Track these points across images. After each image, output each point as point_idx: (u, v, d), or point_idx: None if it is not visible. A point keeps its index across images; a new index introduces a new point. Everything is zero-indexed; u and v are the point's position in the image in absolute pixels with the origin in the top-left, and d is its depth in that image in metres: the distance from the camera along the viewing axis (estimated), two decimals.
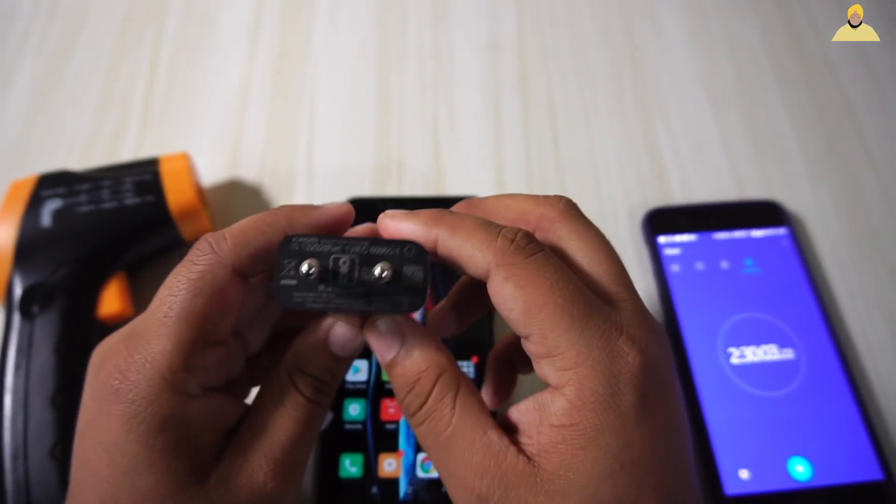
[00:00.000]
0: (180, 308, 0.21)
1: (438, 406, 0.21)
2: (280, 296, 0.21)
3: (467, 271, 0.22)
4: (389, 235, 0.23)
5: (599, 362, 0.20)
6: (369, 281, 0.21)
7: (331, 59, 0.50)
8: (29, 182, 0.37)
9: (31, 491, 0.30)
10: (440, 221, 0.22)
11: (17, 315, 0.34)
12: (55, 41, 0.51)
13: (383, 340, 0.23)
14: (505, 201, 0.24)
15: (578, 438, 0.19)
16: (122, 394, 0.20)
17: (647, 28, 0.52)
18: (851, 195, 0.44)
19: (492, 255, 0.21)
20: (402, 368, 0.22)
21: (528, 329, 0.20)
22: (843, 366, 0.36)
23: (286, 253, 0.21)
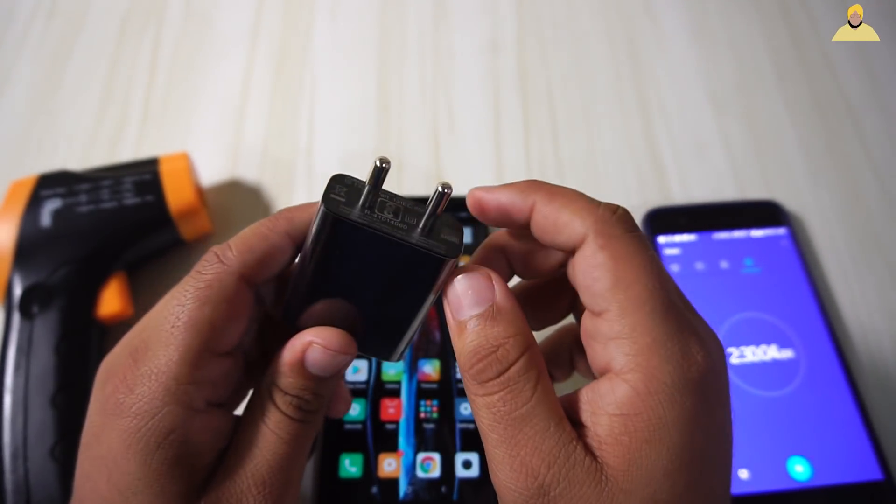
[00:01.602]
0: (188, 318, 0.21)
1: (521, 379, 0.20)
2: (327, 205, 0.20)
3: (557, 240, 0.21)
4: (478, 208, 0.22)
5: (672, 355, 0.19)
6: (410, 224, 0.21)
7: (331, 59, 0.50)
8: (29, 182, 0.37)
9: (30, 491, 0.30)
10: (538, 188, 0.22)
11: (16, 315, 0.34)
12: (55, 41, 0.51)
13: (470, 293, 0.21)
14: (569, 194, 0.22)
15: (643, 430, 0.18)
16: (127, 407, 0.20)
17: (647, 28, 0.52)
18: (851, 195, 0.44)
19: (591, 222, 0.20)
20: (487, 328, 0.20)
21: (609, 304, 0.20)
22: (843, 366, 0.36)
23: (338, 181, 0.21)
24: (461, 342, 0.21)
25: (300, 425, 0.22)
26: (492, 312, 0.20)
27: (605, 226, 0.20)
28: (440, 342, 0.36)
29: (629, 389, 0.19)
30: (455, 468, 0.33)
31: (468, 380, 0.21)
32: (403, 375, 0.36)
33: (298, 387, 0.22)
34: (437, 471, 0.33)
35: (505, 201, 0.22)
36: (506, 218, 0.22)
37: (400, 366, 0.36)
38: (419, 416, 0.34)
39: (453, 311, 0.21)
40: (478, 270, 0.21)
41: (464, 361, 0.21)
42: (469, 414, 0.34)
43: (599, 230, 0.20)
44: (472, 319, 0.21)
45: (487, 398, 0.20)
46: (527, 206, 0.22)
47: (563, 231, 0.21)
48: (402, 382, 0.35)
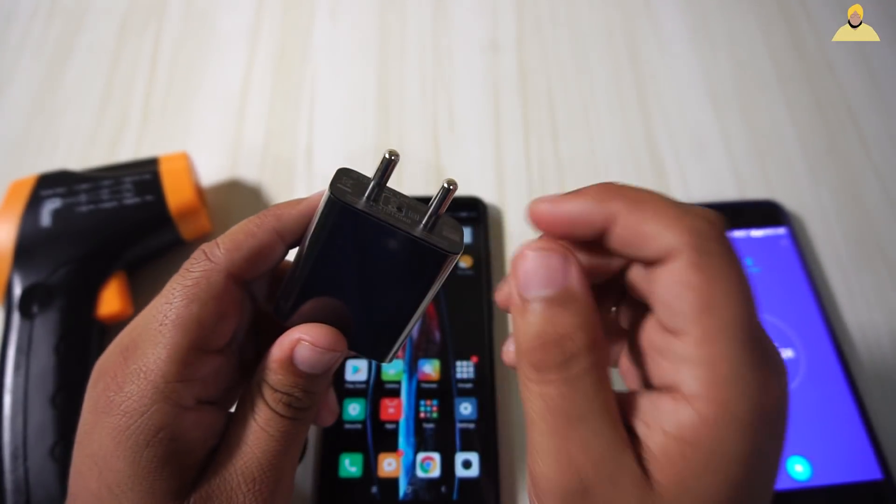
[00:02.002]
0: (175, 315, 0.21)
1: (584, 376, 0.18)
2: (334, 193, 0.20)
3: (640, 252, 0.19)
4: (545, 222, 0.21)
5: (750, 391, 0.18)
6: (413, 219, 0.21)
7: (331, 59, 0.50)
8: (28, 182, 0.37)
9: (30, 491, 0.30)
10: (616, 194, 0.20)
11: (16, 315, 0.34)
12: (55, 41, 0.51)
13: (540, 271, 0.19)
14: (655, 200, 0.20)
15: (703, 459, 0.18)
16: (117, 405, 0.20)
17: (647, 28, 0.52)
18: (851, 195, 0.44)
19: (685, 235, 0.18)
20: (554, 315, 0.19)
21: (691, 327, 0.18)
22: (843, 365, 0.36)
23: (344, 173, 0.21)
24: (523, 322, 0.19)
25: (290, 423, 0.22)
26: (563, 297, 0.19)
27: (701, 241, 0.18)
28: (440, 342, 0.36)
29: (695, 417, 0.18)
30: (455, 468, 0.33)
31: (523, 363, 0.19)
32: (403, 375, 0.36)
33: (288, 384, 0.22)
34: (437, 471, 0.33)
35: (577, 213, 0.20)
36: (576, 231, 0.20)
37: (400, 366, 0.36)
38: (419, 415, 0.34)
39: (520, 285, 0.19)
40: (554, 248, 0.19)
41: (523, 344, 0.19)
42: (469, 414, 0.34)
43: (694, 245, 0.18)
44: (540, 301, 0.19)
45: (543, 387, 0.19)
46: (604, 217, 0.20)
47: (650, 244, 0.19)
48: (402, 382, 0.35)
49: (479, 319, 0.37)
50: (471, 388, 0.35)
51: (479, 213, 0.41)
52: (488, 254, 0.39)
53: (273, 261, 0.23)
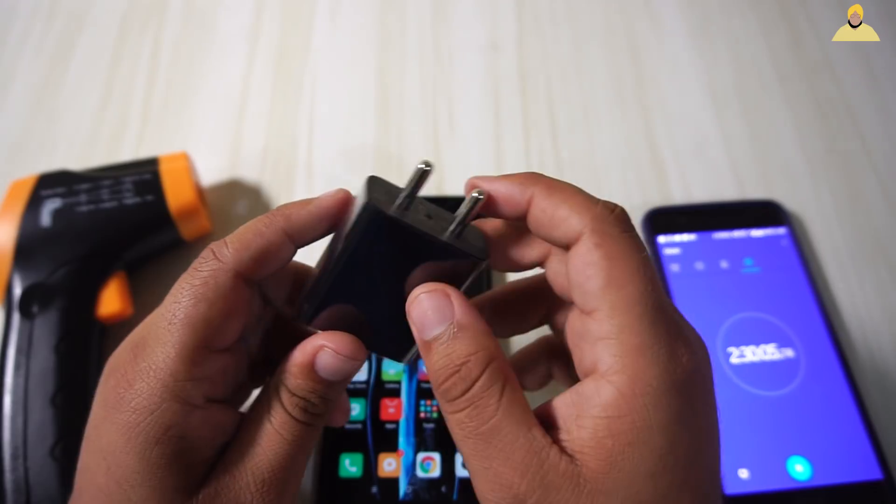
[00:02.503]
0: (184, 315, 0.21)
1: (485, 395, 0.20)
2: (372, 201, 0.21)
3: (553, 234, 0.21)
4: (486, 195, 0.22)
5: (659, 357, 0.19)
6: (443, 227, 0.22)
7: (331, 59, 0.50)
8: (29, 182, 0.37)
9: (30, 491, 0.30)
10: (537, 181, 0.22)
11: (16, 314, 0.34)
12: (55, 41, 0.51)
13: (430, 314, 0.21)
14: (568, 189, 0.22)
15: (627, 433, 0.18)
16: (126, 402, 0.20)
17: (647, 28, 0.52)
18: (851, 195, 0.44)
19: (589, 219, 0.20)
20: (449, 348, 0.21)
21: (599, 303, 0.20)
22: (843, 365, 0.36)
23: (375, 183, 0.22)
24: (429, 360, 0.21)
25: (305, 427, 0.22)
26: (453, 331, 0.21)
27: (602, 224, 0.20)
28: None
29: (614, 391, 0.19)
30: (455, 468, 0.33)
31: (439, 398, 0.21)
32: (403, 375, 0.35)
33: (306, 389, 0.22)
34: (437, 470, 0.33)
35: (503, 192, 0.22)
36: (502, 209, 0.22)
37: (400, 366, 0.36)
38: (419, 415, 0.34)
39: (419, 330, 0.21)
40: (436, 288, 0.22)
41: (433, 380, 0.21)
42: None
43: (596, 228, 0.20)
44: (437, 339, 0.21)
45: (456, 415, 0.20)
46: (524, 199, 0.22)
47: (560, 226, 0.21)
48: (402, 382, 0.35)
49: None
50: None
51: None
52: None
53: (281, 261, 0.23)
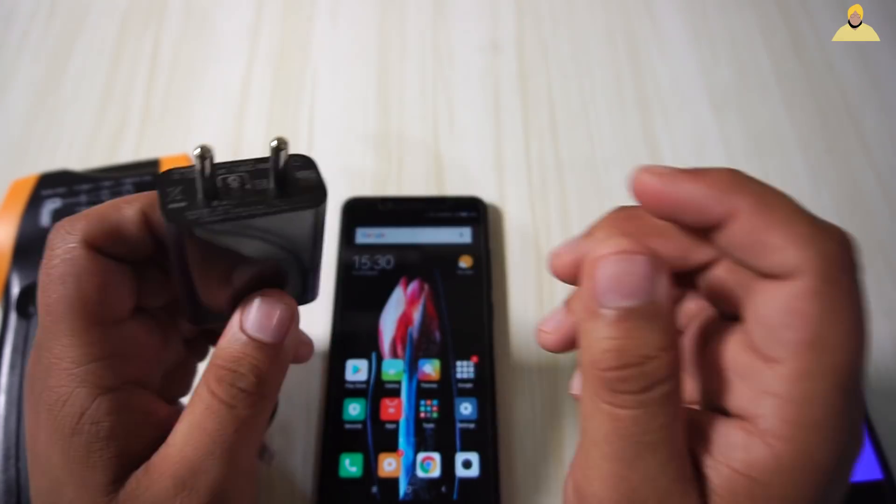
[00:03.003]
0: (55, 301, 0.20)
1: (663, 401, 0.17)
2: (170, 218, 0.18)
3: (755, 262, 0.17)
4: (657, 198, 0.18)
5: (839, 437, 0.17)
6: (263, 189, 0.19)
7: (331, 59, 0.50)
8: (29, 181, 0.37)
9: (21, 492, 0.30)
10: (741, 188, 0.18)
11: (13, 314, 0.34)
12: (55, 40, 0.50)
13: (624, 279, 0.17)
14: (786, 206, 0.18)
15: (768, 500, 0.17)
16: (44, 401, 0.20)
17: (647, 28, 0.52)
18: (851, 195, 0.44)
19: (815, 259, 0.16)
20: (639, 330, 0.17)
21: (791, 359, 0.17)
22: None
23: (168, 182, 0.19)
24: (597, 332, 0.17)
25: (231, 413, 0.20)
26: (649, 311, 0.17)
27: (831, 268, 0.17)
28: (440, 342, 0.36)
29: (770, 457, 0.16)
30: (455, 468, 0.33)
31: (596, 381, 0.17)
32: (404, 375, 0.35)
33: (235, 357, 0.20)
34: (438, 470, 0.33)
35: (692, 198, 0.18)
36: (683, 215, 0.18)
37: (400, 366, 0.36)
38: (419, 415, 0.34)
39: (598, 291, 0.17)
40: (643, 253, 0.17)
41: (598, 358, 0.17)
42: (469, 414, 0.34)
43: (822, 272, 0.16)
44: (621, 311, 0.17)
45: (617, 410, 0.17)
46: (722, 212, 0.18)
47: (770, 256, 0.17)
48: (402, 382, 0.35)
49: (479, 319, 0.37)
50: (471, 388, 0.35)
51: (479, 213, 0.41)
52: (488, 254, 0.39)
53: (138, 240, 0.22)
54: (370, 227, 0.40)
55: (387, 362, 0.36)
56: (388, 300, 0.38)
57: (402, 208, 0.41)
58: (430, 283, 0.38)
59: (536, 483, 0.34)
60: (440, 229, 0.40)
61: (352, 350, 0.36)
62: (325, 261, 0.39)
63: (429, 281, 0.38)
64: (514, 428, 0.35)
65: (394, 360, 0.36)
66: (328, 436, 0.34)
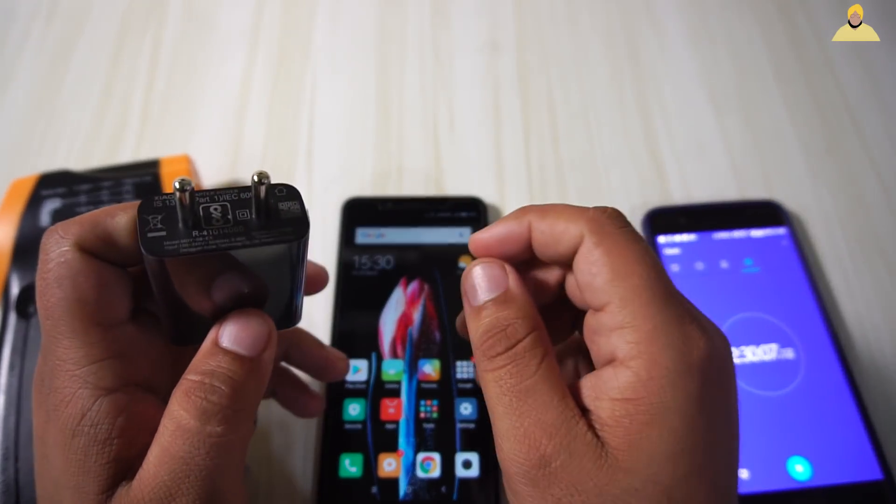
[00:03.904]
0: (53, 304, 0.20)
1: (527, 355, 0.21)
2: (149, 249, 0.18)
3: (558, 249, 0.22)
4: (483, 248, 0.24)
5: (673, 341, 0.19)
6: (246, 220, 0.19)
7: (331, 60, 0.50)
8: (29, 181, 0.37)
9: (20, 492, 0.30)
10: (528, 210, 0.23)
11: (13, 314, 0.34)
12: (55, 41, 0.51)
13: (483, 281, 0.22)
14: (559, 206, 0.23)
15: (644, 413, 0.19)
16: (50, 403, 0.20)
17: (647, 28, 0.52)
18: (851, 195, 0.44)
19: (584, 223, 0.21)
20: (498, 311, 0.22)
21: (608, 296, 0.20)
22: (843, 366, 0.36)
23: (149, 210, 0.19)
24: (474, 323, 0.22)
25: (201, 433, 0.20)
26: (505, 296, 0.22)
27: (598, 225, 0.21)
28: (440, 342, 0.36)
29: (632, 375, 0.19)
30: (455, 468, 0.33)
31: (479, 356, 0.22)
32: (404, 375, 0.35)
33: (208, 370, 0.20)
34: (437, 471, 0.33)
35: (504, 232, 0.23)
36: (510, 248, 0.23)
37: (400, 366, 0.36)
38: (419, 415, 0.34)
39: (470, 297, 0.23)
40: (493, 261, 0.23)
41: (476, 339, 0.22)
42: (469, 414, 0.34)
43: (592, 229, 0.21)
44: (487, 304, 0.22)
45: (495, 372, 0.21)
46: (524, 229, 0.23)
47: (562, 239, 0.22)
48: (402, 382, 0.35)
49: None
50: (471, 388, 0.35)
51: (479, 213, 0.41)
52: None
53: (129, 247, 0.21)
54: (370, 227, 0.40)
55: (387, 362, 0.36)
56: (388, 300, 0.38)
57: (401, 208, 0.41)
58: (430, 284, 0.38)
59: None
60: (440, 229, 0.40)
61: (352, 350, 0.36)
62: (326, 261, 0.39)
63: (429, 281, 0.38)
64: None
65: (394, 361, 0.36)
66: (328, 436, 0.34)
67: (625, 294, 0.20)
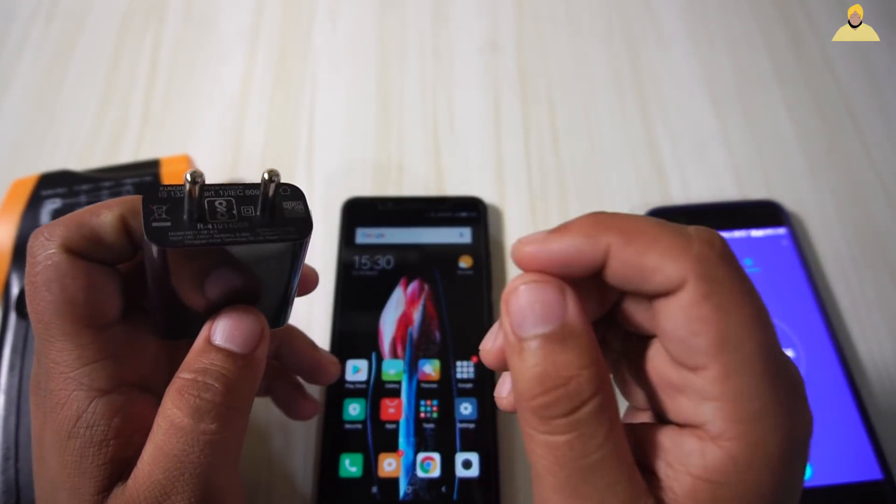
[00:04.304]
0: (42, 307, 0.20)
1: (593, 423, 0.17)
2: (153, 238, 0.18)
3: (644, 288, 0.18)
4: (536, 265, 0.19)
5: (781, 422, 0.17)
6: (250, 217, 0.19)
7: (331, 60, 0.50)
8: (30, 181, 0.37)
9: (20, 492, 0.30)
10: (608, 227, 0.18)
11: (13, 314, 0.34)
12: (55, 41, 0.51)
13: (535, 307, 0.17)
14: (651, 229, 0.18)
15: (734, 500, 0.17)
16: (47, 405, 0.20)
17: (647, 28, 0.52)
18: (851, 195, 0.44)
19: (690, 264, 0.17)
20: (557, 351, 0.17)
21: (710, 362, 0.17)
22: (843, 366, 0.36)
23: (154, 199, 0.19)
24: (521, 364, 0.17)
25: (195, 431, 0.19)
26: (563, 333, 0.17)
27: (707, 268, 0.17)
28: (440, 342, 0.36)
29: (726, 458, 0.17)
30: (455, 468, 0.33)
31: (527, 412, 0.18)
32: (404, 375, 0.35)
33: (200, 367, 0.20)
34: (438, 471, 0.33)
35: (568, 252, 0.18)
36: (567, 272, 0.19)
37: (400, 366, 0.36)
38: (419, 415, 0.34)
39: (515, 324, 0.18)
40: (548, 280, 0.18)
41: (524, 389, 0.17)
42: (469, 414, 0.34)
43: (701, 274, 0.17)
44: (538, 339, 0.17)
45: (551, 438, 0.17)
46: (598, 253, 0.18)
47: (653, 278, 0.17)
48: (402, 382, 0.35)
49: (479, 319, 0.37)
50: (471, 388, 0.35)
51: (479, 213, 0.41)
52: (488, 254, 0.40)
53: (117, 245, 0.21)
54: (370, 227, 0.40)
55: (387, 362, 0.36)
56: (389, 300, 0.38)
57: (402, 208, 0.41)
58: (430, 284, 0.38)
59: None
60: (440, 229, 0.40)
61: (352, 350, 0.36)
62: (326, 261, 0.39)
63: (429, 281, 0.38)
64: (514, 428, 0.35)
65: (394, 361, 0.36)
66: (328, 436, 0.34)
67: (731, 365, 0.17)
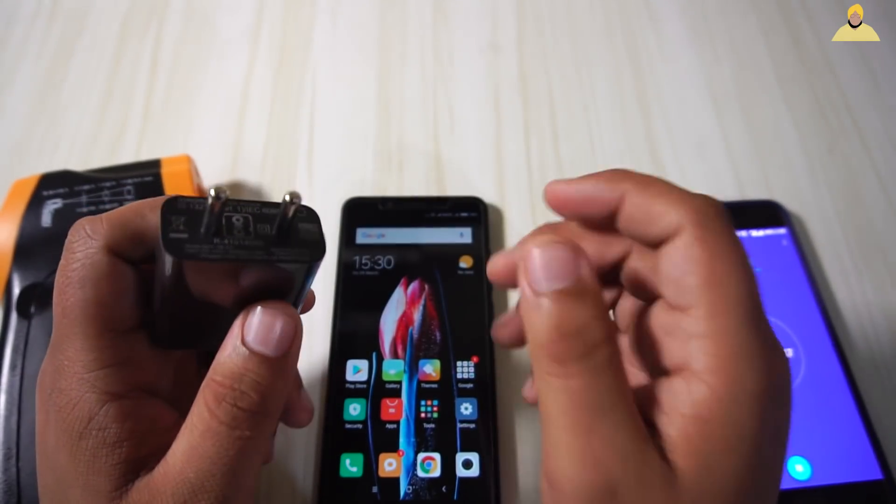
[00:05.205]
0: (71, 304, 0.20)
1: (606, 365, 0.18)
2: (170, 249, 0.18)
3: (649, 230, 0.20)
4: (562, 202, 0.22)
5: (759, 364, 0.18)
6: (265, 235, 0.20)
7: (331, 60, 0.50)
8: (31, 181, 0.37)
9: (21, 492, 0.30)
10: (627, 177, 0.21)
11: (14, 314, 0.34)
12: (56, 42, 0.51)
13: (552, 264, 0.19)
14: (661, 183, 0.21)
15: (721, 437, 0.17)
16: (53, 402, 0.20)
17: (647, 28, 0.52)
18: (851, 195, 0.44)
19: (690, 213, 0.19)
20: (572, 304, 0.18)
21: (697, 300, 0.18)
22: (843, 366, 0.36)
23: (172, 210, 0.19)
24: (538, 316, 0.19)
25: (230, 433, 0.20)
26: (577, 288, 0.19)
27: (704, 218, 0.19)
28: (440, 342, 0.36)
29: (709, 392, 0.18)
30: (455, 468, 0.33)
31: (543, 358, 0.19)
32: (404, 375, 0.36)
33: (235, 373, 0.20)
34: (438, 470, 0.33)
35: (591, 192, 0.21)
36: (588, 209, 0.21)
37: (400, 366, 0.36)
38: (420, 415, 0.34)
39: (532, 279, 0.19)
40: (563, 242, 0.19)
41: (542, 337, 0.19)
42: (469, 414, 0.34)
43: (697, 222, 0.19)
44: (554, 293, 0.19)
45: (568, 381, 0.18)
46: (615, 197, 0.21)
47: (657, 221, 0.20)
48: (402, 382, 0.35)
49: (479, 319, 0.37)
50: (471, 388, 0.35)
51: (479, 213, 0.41)
52: (489, 254, 0.40)
53: (153, 247, 0.21)
54: (370, 227, 0.40)
55: (387, 362, 0.36)
56: (389, 300, 0.38)
57: (402, 208, 0.41)
58: (430, 284, 0.38)
59: (536, 483, 0.34)
60: (440, 229, 0.40)
61: (352, 350, 0.36)
62: (327, 261, 0.39)
63: (429, 281, 0.38)
64: (514, 428, 0.35)
65: (394, 361, 0.36)
66: (329, 436, 0.34)
67: (717, 302, 0.18)
